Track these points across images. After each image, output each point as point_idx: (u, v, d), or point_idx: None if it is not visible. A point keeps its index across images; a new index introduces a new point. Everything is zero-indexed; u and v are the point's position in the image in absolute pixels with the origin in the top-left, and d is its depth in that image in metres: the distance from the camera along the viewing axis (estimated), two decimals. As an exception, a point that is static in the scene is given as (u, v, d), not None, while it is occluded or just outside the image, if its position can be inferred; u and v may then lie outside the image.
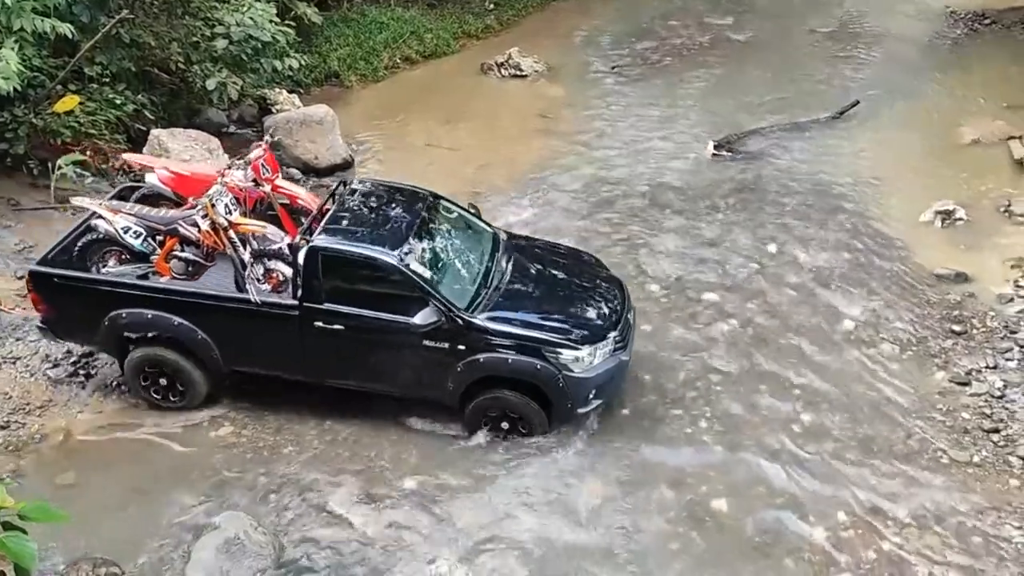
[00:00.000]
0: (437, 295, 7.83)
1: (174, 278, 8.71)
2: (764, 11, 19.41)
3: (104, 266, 8.87)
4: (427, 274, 7.95)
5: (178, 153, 11.93)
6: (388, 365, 8.18)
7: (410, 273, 7.84)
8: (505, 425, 8.21)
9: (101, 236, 8.73)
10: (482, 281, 8.34)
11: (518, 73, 16.96)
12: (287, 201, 9.50)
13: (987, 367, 8.97)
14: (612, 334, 8.19)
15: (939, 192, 11.88)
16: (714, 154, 13.59)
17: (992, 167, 12.52)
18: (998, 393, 8.61)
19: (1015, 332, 9.38)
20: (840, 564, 6.97)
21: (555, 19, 20.00)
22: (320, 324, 7.99)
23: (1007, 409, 8.43)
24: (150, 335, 8.37)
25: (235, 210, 8.68)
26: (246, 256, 8.45)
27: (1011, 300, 9.90)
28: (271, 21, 12.61)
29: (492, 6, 19.63)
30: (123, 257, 8.90)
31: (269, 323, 8.14)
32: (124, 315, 8.22)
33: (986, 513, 7.37)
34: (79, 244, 8.73)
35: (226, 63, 12.57)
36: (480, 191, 12.80)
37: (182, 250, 8.79)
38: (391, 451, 8.24)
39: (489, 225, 9.28)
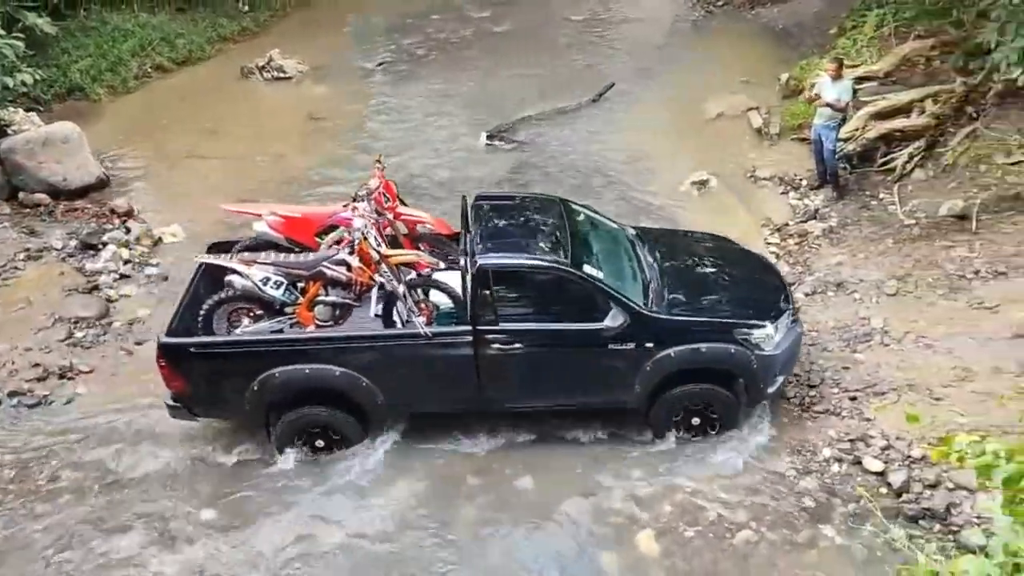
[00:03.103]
0: (620, 295, 7.52)
1: (318, 326, 7.93)
2: (519, 3, 20.00)
3: (237, 326, 8.05)
4: (600, 276, 7.60)
5: None
6: (572, 378, 7.77)
7: (587, 278, 7.49)
8: (696, 420, 7.95)
9: (236, 293, 7.89)
10: (642, 276, 8.06)
11: (282, 75, 16.51)
12: (406, 230, 9.10)
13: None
14: (788, 306, 8.08)
15: (694, 163, 12.76)
16: (487, 144, 13.88)
17: (736, 137, 13.59)
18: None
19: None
20: (640, 521, 7.34)
21: (314, 18, 19.64)
22: (497, 346, 7.49)
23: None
24: (304, 392, 7.62)
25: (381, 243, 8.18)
26: (400, 288, 7.81)
27: (764, 256, 10.83)
28: (-6, 33, 11.49)
29: (246, 8, 18.94)
30: (251, 314, 8.07)
31: (439, 356, 7.59)
32: (278, 375, 7.41)
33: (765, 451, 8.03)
34: (204, 307, 7.84)
35: (-55, 83, 11.29)
36: (257, 199, 12.32)
37: (326, 294, 8.01)
38: (184, 482, 7.79)
39: (614, 221, 8.99)
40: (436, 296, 8.17)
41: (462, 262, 7.86)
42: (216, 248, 8.78)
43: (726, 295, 8.26)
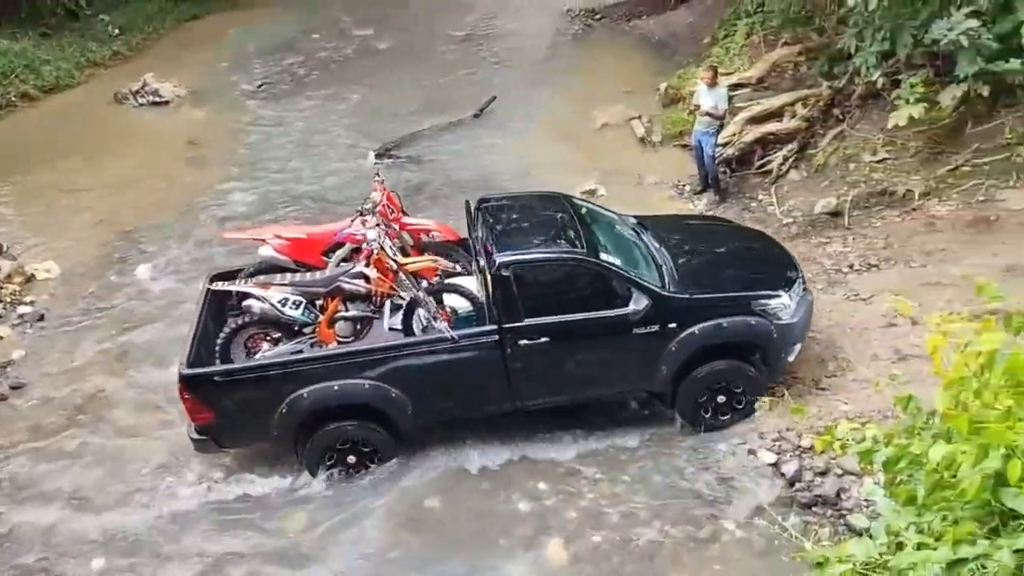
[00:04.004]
0: (640, 280, 7.62)
1: (340, 342, 7.67)
2: (400, 21, 20.01)
3: (255, 352, 7.93)
4: (618, 262, 7.68)
5: None
6: (600, 367, 7.80)
7: (607, 265, 7.57)
8: (721, 398, 7.96)
9: (255, 318, 7.65)
10: (654, 259, 8.16)
11: (158, 100, 16.02)
12: (412, 240, 9.16)
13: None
14: (797, 274, 8.18)
15: (582, 172, 12.92)
16: (376, 162, 13.74)
17: (622, 146, 13.89)
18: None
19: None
20: (547, 527, 7.36)
21: (191, 39, 19.15)
22: (525, 342, 7.49)
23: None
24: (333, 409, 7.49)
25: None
26: (420, 295, 7.79)
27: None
28: None
29: (116, 31, 18.27)
30: (269, 337, 7.98)
31: (467, 359, 7.54)
32: (306, 395, 7.30)
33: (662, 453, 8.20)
34: (222, 335, 7.79)
35: None
36: (136, 228, 11.89)
37: (346, 309, 7.90)
38: (67, 531, 7.38)
39: (614, 211, 8.99)
40: (452, 300, 8.13)
41: (474, 265, 7.89)
42: (219, 278, 8.54)
43: (737, 270, 8.52)
